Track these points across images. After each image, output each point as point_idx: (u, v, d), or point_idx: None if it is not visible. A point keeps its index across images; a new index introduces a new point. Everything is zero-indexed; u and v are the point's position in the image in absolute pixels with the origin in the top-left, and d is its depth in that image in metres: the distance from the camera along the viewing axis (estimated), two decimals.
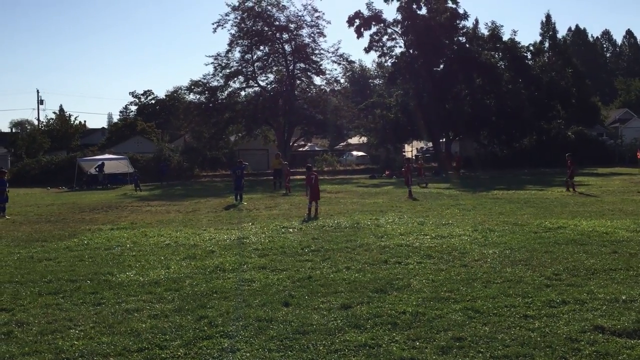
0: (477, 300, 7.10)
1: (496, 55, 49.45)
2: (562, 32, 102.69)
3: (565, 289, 7.50)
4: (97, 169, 39.96)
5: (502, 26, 48.42)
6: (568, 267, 8.74)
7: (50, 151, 59.49)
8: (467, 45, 48.26)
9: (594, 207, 16.77)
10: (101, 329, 6.41)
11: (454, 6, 47.31)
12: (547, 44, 65.90)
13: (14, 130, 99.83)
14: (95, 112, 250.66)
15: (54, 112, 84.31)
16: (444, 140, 50.91)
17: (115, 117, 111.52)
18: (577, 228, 12.66)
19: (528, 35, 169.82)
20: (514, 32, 54.96)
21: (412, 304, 6.98)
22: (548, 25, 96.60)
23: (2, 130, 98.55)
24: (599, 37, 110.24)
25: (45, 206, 23.07)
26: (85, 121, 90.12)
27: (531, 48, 50.39)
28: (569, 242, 10.86)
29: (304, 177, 43.89)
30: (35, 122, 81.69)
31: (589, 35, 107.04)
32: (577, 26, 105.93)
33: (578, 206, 17.23)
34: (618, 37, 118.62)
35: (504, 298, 7.16)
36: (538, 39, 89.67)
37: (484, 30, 49.72)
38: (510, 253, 10.00)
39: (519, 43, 48.85)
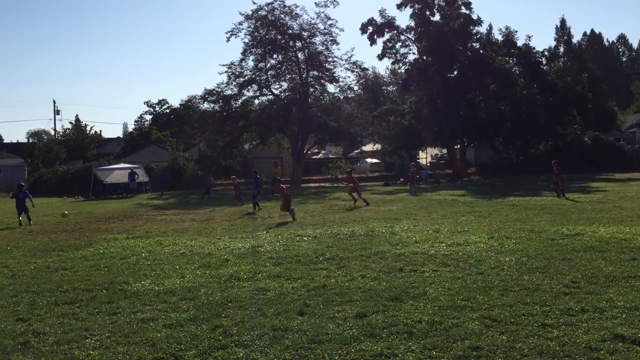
0: (494, 308, 7.01)
1: (510, 61, 49.22)
2: (577, 37, 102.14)
3: (584, 297, 7.39)
4: (130, 178, 40.30)
5: (516, 31, 48.24)
6: (586, 275, 8.61)
7: (67, 161, 60.10)
8: (481, 51, 48.09)
9: (612, 214, 16.56)
10: (117, 339, 6.42)
11: (467, 12, 47.24)
12: (562, 49, 65.53)
13: (31, 141, 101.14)
14: (111, 122, 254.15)
15: (70, 122, 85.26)
16: (459, 146, 50.67)
17: (131, 127, 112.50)
18: (595, 235, 12.49)
19: (543, 41, 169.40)
20: (529, 37, 54.85)
21: (428, 313, 6.92)
22: (563, 30, 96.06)
23: (20, 141, 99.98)
24: (615, 41, 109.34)
25: (62, 216, 23.23)
26: (100, 131, 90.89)
27: (546, 53, 50.08)
28: (587, 249, 10.71)
29: (316, 184, 43.98)
30: (52, 132, 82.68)
31: (605, 40, 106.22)
32: (592, 30, 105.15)
33: (596, 212, 17.02)
34: (634, 41, 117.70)
35: (522, 306, 7.06)
36: (553, 44, 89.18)
37: (498, 36, 49.65)
38: (527, 260, 9.88)
39: (534, 48, 48.63)
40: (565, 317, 6.58)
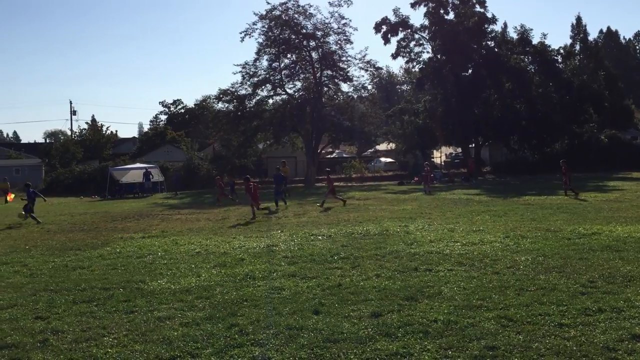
0: (510, 308, 6.99)
1: (526, 59, 48.77)
2: (593, 35, 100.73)
3: (602, 297, 7.33)
4: (145, 178, 40.54)
5: (531, 30, 47.77)
6: (604, 274, 8.54)
7: (83, 161, 60.63)
8: (496, 50, 47.72)
9: (629, 213, 16.40)
10: (134, 337, 6.49)
11: (482, 10, 46.93)
12: (578, 47, 64.97)
13: (48, 141, 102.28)
14: (126, 122, 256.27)
15: (87, 123, 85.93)
16: (473, 145, 50.37)
17: (146, 127, 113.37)
18: (612, 234, 12.38)
19: (558, 39, 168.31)
20: (544, 35, 53.91)
21: (443, 312, 6.90)
22: (579, 28, 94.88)
23: (37, 141, 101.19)
24: (632, 38, 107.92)
25: (79, 215, 23.48)
26: (116, 131, 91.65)
27: (562, 51, 49.55)
28: (604, 249, 10.62)
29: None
30: (69, 133, 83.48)
31: (621, 37, 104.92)
32: (608, 28, 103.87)
33: (613, 211, 16.87)
34: None
35: (538, 306, 7.03)
36: (569, 42, 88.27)
37: (513, 34, 49.19)
38: (544, 260, 9.82)
39: (549, 46, 48.07)
40: (582, 317, 6.54)
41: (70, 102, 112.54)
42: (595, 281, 8.16)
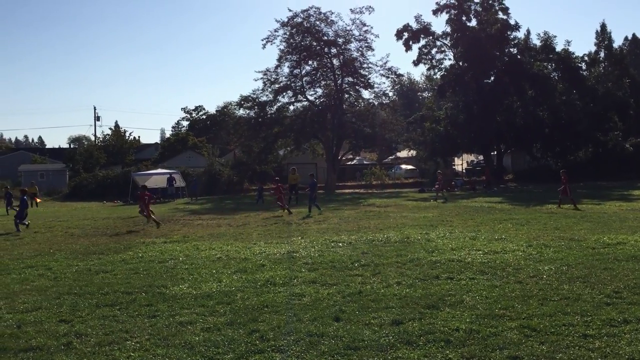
0: (534, 318, 6.90)
1: (549, 66, 48.32)
2: (618, 42, 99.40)
3: (627, 308, 7.21)
4: (168, 183, 41.01)
5: (555, 36, 47.32)
6: (629, 285, 8.40)
7: (106, 166, 61.39)
8: (519, 57, 47.36)
9: None
10: (156, 341, 6.53)
11: (504, 17, 46.65)
12: (602, 54, 64.14)
13: (72, 146, 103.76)
14: (149, 128, 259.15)
15: (110, 128, 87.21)
16: (495, 153, 49.96)
17: (168, 133, 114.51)
18: (637, 244, 12.17)
19: (582, 46, 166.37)
20: (568, 42, 53.08)
21: (465, 321, 6.84)
22: (603, 35, 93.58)
23: (61, 146, 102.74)
24: None
25: (102, 219, 23.77)
26: (139, 137, 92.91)
27: (586, 58, 49.03)
28: (630, 259, 10.46)
29: (350, 190, 43.89)
30: (92, 138, 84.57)
31: None
32: (633, 35, 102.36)
33: (638, 221, 16.59)
34: None
35: (562, 316, 6.94)
36: (593, 49, 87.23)
37: (536, 41, 48.79)
38: (567, 270, 9.69)
39: (573, 53, 47.62)
40: (607, 328, 6.44)
41: (95, 108, 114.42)
42: (620, 292, 8.03)
